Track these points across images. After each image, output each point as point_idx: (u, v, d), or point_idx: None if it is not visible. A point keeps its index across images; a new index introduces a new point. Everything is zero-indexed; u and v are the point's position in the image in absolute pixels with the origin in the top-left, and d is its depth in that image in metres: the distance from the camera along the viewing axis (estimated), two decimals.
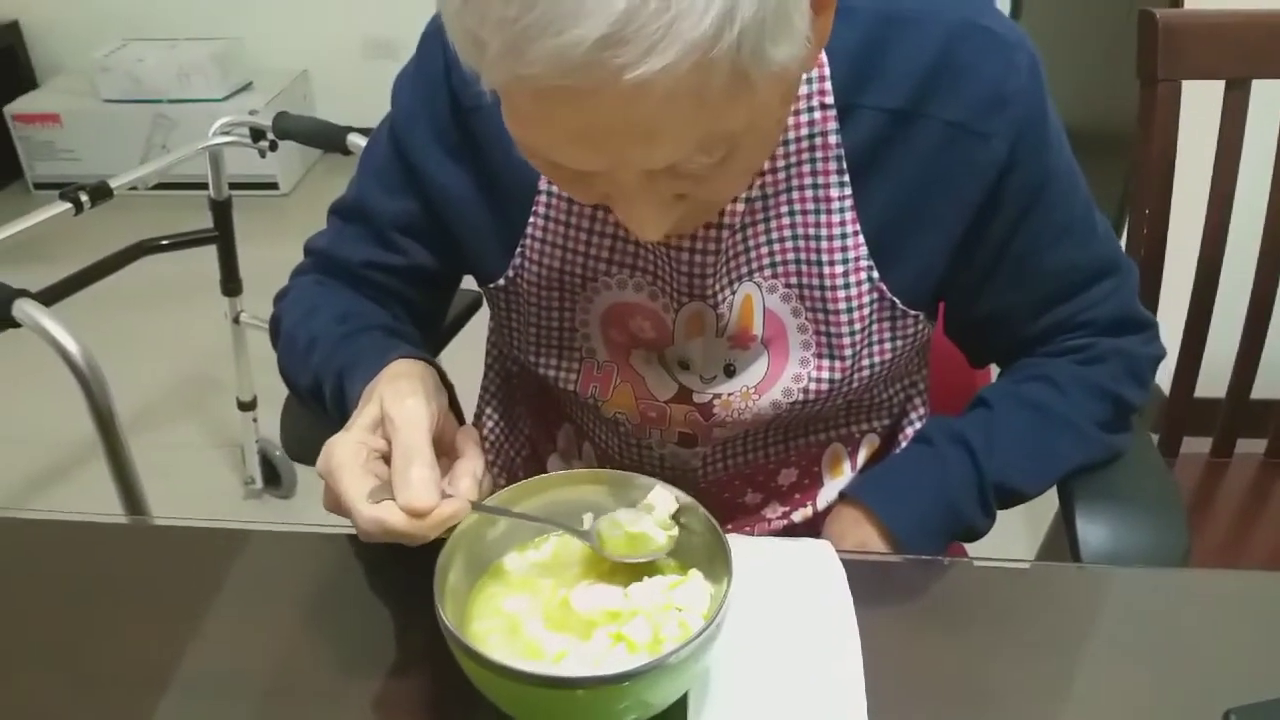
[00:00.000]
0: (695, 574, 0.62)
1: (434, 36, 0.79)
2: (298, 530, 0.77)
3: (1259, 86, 1.14)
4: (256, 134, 1.63)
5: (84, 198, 1.41)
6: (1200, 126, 1.18)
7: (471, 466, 0.63)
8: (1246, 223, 1.21)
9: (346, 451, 0.61)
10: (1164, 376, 1.30)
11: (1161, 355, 0.85)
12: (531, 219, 0.78)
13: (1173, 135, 1.16)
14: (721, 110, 0.52)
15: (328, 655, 0.66)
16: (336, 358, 0.75)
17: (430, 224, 0.83)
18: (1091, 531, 0.77)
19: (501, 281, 0.82)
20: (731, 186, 0.65)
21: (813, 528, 0.89)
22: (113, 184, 1.45)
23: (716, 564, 0.60)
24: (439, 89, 0.78)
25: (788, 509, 0.91)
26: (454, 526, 0.60)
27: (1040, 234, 0.76)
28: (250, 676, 0.65)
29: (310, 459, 0.64)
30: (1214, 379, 1.30)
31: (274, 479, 2.08)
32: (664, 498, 0.64)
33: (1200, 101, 1.17)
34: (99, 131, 3.37)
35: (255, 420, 2.01)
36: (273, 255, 2.09)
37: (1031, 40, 0.72)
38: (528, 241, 0.79)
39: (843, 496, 0.83)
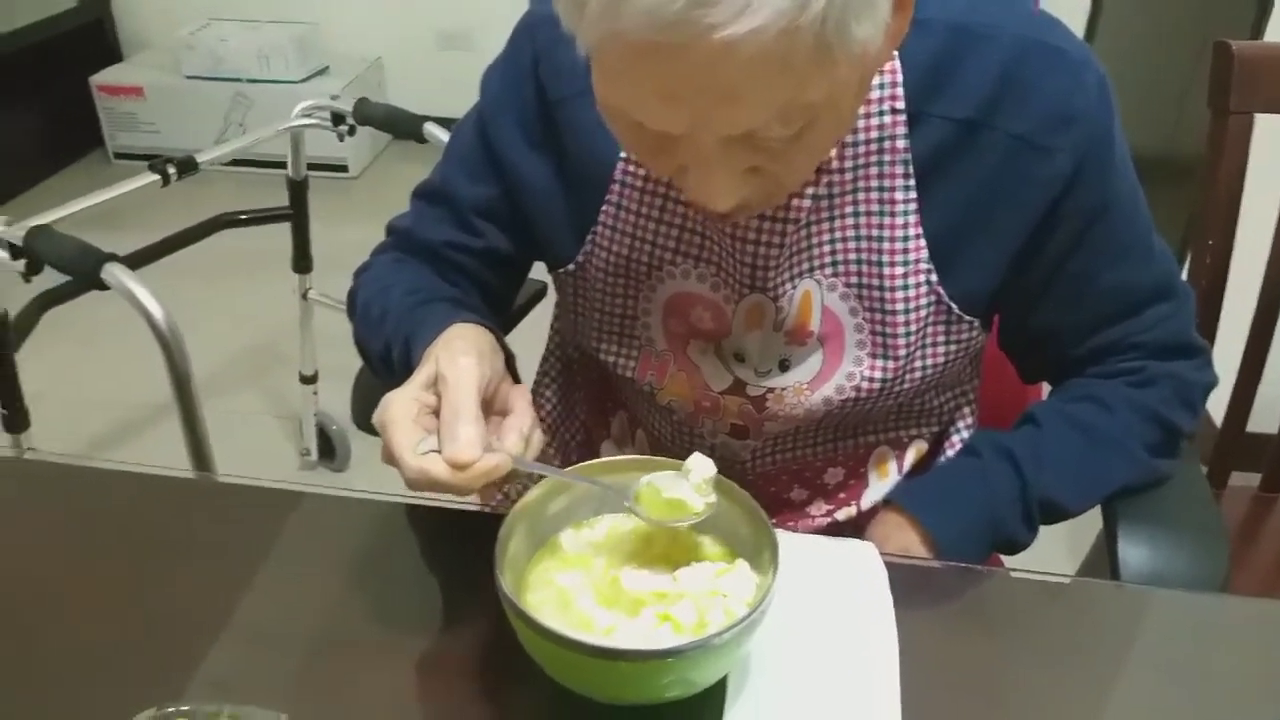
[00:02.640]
0: (742, 563, 0.65)
1: (524, 32, 0.83)
2: (355, 496, 0.82)
3: None
4: (337, 118, 1.68)
5: (171, 170, 1.47)
6: (1270, 160, 1.17)
7: (519, 423, 0.66)
8: None
9: (400, 406, 0.64)
10: (1216, 409, 1.30)
11: (1214, 383, 0.85)
12: (605, 207, 0.82)
13: (1241, 167, 1.16)
14: (804, 80, 0.55)
15: (377, 611, 0.70)
16: (405, 324, 0.78)
17: (509, 209, 0.86)
18: (1132, 552, 0.78)
19: (571, 266, 0.86)
20: (803, 165, 0.67)
21: (856, 527, 0.91)
22: (199, 159, 1.51)
23: (763, 555, 0.63)
24: (526, 81, 0.82)
25: (832, 507, 0.93)
26: (505, 484, 0.62)
27: (1098, 253, 0.78)
28: (303, 627, 0.69)
29: (376, 429, 0.68)
30: (1267, 415, 1.29)
31: (329, 452, 2.14)
32: (702, 464, 0.65)
33: (1272, 135, 1.17)
34: (179, 106, 3.47)
35: (316, 394, 2.07)
36: (340, 235, 2.16)
37: (1101, 62, 0.74)
38: (599, 229, 0.82)
39: (888, 502, 0.85)
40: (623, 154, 0.80)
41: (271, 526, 0.79)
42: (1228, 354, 1.21)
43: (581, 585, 0.64)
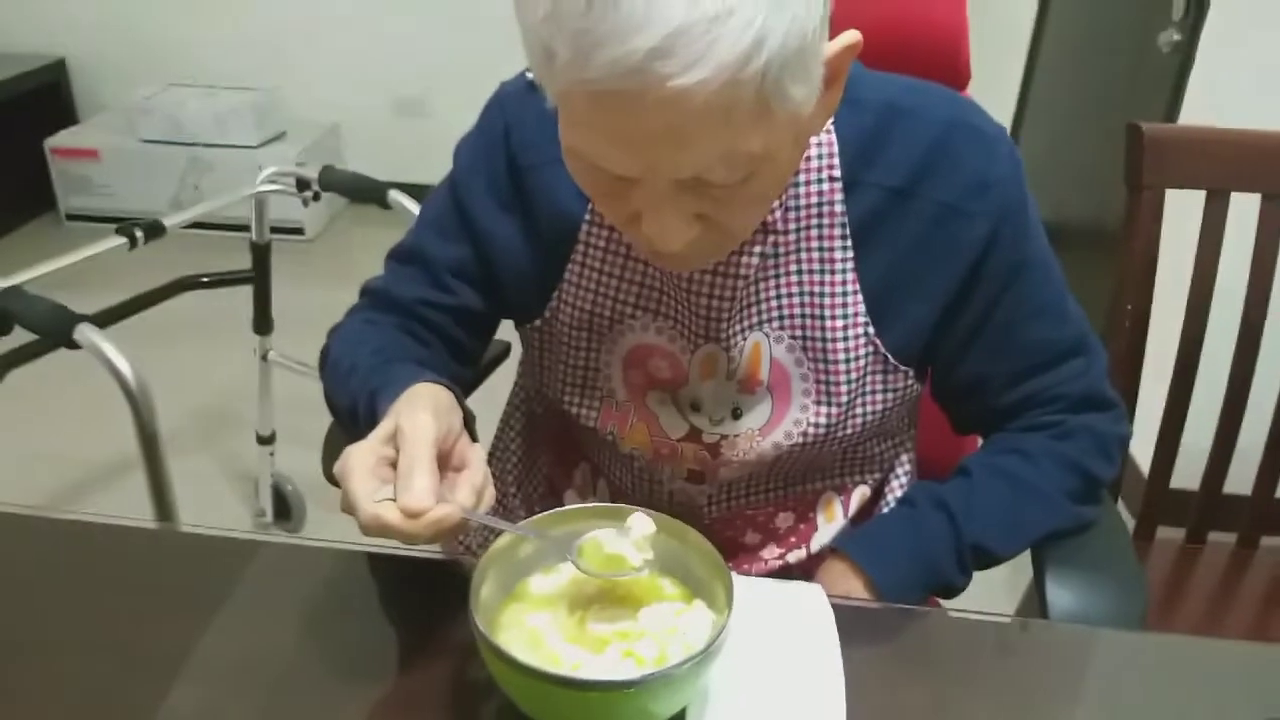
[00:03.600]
0: (699, 603, 0.70)
1: (495, 105, 0.90)
2: (317, 545, 0.85)
3: (1237, 198, 1.24)
4: (302, 184, 1.73)
5: (139, 233, 1.50)
6: (1183, 231, 1.27)
7: (472, 477, 0.69)
8: (1223, 322, 1.29)
9: (359, 457, 0.68)
10: (1143, 465, 1.37)
11: (1128, 435, 0.93)
12: (570, 265, 0.88)
13: (1155, 237, 1.26)
14: (744, 130, 0.62)
15: (341, 655, 0.73)
16: (371, 381, 0.82)
17: (480, 269, 0.92)
18: (1060, 594, 0.84)
19: (538, 322, 0.92)
20: (747, 216, 0.74)
21: (805, 569, 0.97)
22: (166, 222, 1.55)
23: (719, 595, 0.68)
24: (497, 149, 0.89)
25: (783, 550, 0.99)
26: (464, 535, 0.66)
27: (1017, 309, 0.86)
28: (263, 668, 0.72)
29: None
30: (1189, 471, 1.37)
31: (285, 513, 2.14)
32: (642, 522, 0.70)
33: (1184, 207, 1.26)
34: (135, 169, 3.49)
35: (273, 454, 2.08)
36: (297, 298, 2.20)
37: (1028, 141, 0.82)
38: (565, 285, 0.89)
39: (834, 550, 0.91)
40: (587, 216, 0.86)
41: (236, 575, 0.81)
42: (1149, 413, 1.29)
43: (549, 625, 0.69)
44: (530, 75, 0.87)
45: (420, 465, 0.66)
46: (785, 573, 0.98)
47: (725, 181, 0.66)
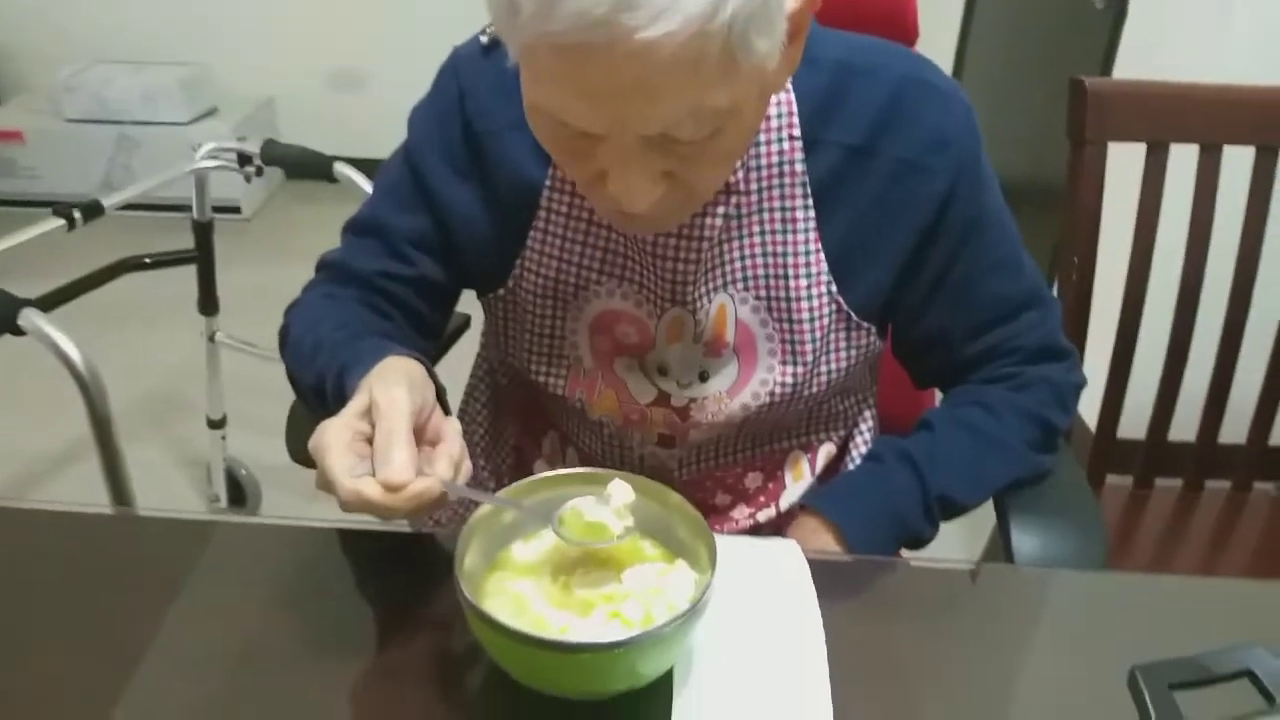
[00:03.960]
0: (681, 563, 0.70)
1: (449, 71, 0.89)
2: (283, 524, 0.84)
3: (1176, 149, 1.27)
4: (243, 159, 1.69)
5: (77, 214, 1.46)
6: (1124, 184, 1.30)
7: (448, 450, 0.69)
8: (1165, 272, 1.33)
9: (335, 432, 0.67)
10: (1090, 416, 1.41)
11: (1083, 383, 0.95)
12: (532, 232, 0.87)
13: (1099, 190, 1.29)
14: (712, 84, 0.62)
15: (312, 631, 0.72)
16: (338, 357, 0.81)
17: (439, 239, 0.91)
18: (1025, 540, 0.87)
19: (501, 291, 0.91)
20: (712, 174, 0.74)
21: (775, 527, 0.98)
22: (105, 202, 1.50)
23: (701, 555, 0.69)
24: (452, 116, 0.87)
25: (753, 510, 1.00)
26: (437, 510, 0.66)
27: (975, 263, 0.87)
28: (237, 650, 0.71)
29: (312, 462, 0.71)
30: (1135, 421, 1.41)
31: (239, 498, 2.11)
32: (622, 489, 0.70)
33: (1126, 160, 1.30)
34: (61, 150, 3.39)
35: (224, 438, 2.05)
36: (239, 277, 2.15)
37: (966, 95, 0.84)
38: (527, 252, 0.88)
39: (803, 507, 0.92)
40: (548, 181, 0.85)
41: (201, 557, 0.80)
42: (1095, 364, 1.32)
43: (534, 591, 0.69)
44: (484, 39, 0.86)
45: (398, 439, 0.65)
46: (756, 532, 1.00)
47: (693, 137, 0.66)
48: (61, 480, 2.19)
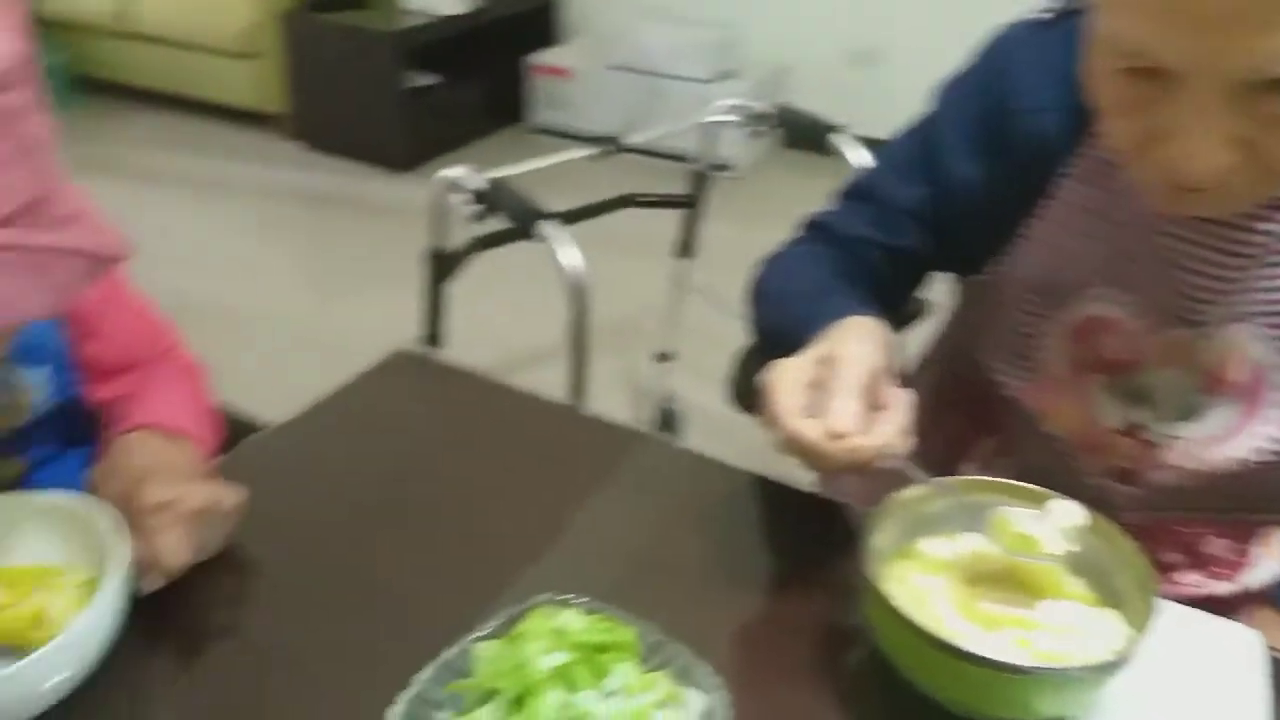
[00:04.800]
0: (1110, 613, 0.63)
1: (994, 45, 0.84)
2: (705, 454, 0.88)
3: None
4: (756, 118, 1.76)
5: (598, 150, 1.63)
6: None
7: (896, 418, 0.67)
8: None
9: (787, 370, 0.67)
10: None
11: None
12: (1035, 219, 0.81)
13: None
14: None
15: (696, 557, 0.75)
16: (805, 308, 0.81)
17: (934, 213, 0.87)
18: None
19: (984, 275, 0.86)
20: None
21: (1231, 606, 0.85)
22: (623, 142, 1.66)
23: (1139, 611, 0.61)
24: (984, 90, 0.83)
25: (1205, 577, 0.87)
26: (860, 474, 0.65)
27: None
28: (616, 552, 0.75)
29: (752, 410, 0.72)
30: None
31: (668, 430, 2.26)
32: (1069, 509, 0.65)
33: None
34: (599, 91, 3.79)
35: (668, 372, 2.20)
36: (714, 229, 2.27)
37: None
38: (1023, 240, 0.82)
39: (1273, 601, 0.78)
40: (1067, 170, 0.79)
41: (621, 461, 0.87)
42: None
43: (938, 590, 0.66)
44: (1048, 14, 0.80)
45: (851, 390, 0.65)
46: (1208, 605, 0.86)
47: None
48: (535, 371, 2.48)
